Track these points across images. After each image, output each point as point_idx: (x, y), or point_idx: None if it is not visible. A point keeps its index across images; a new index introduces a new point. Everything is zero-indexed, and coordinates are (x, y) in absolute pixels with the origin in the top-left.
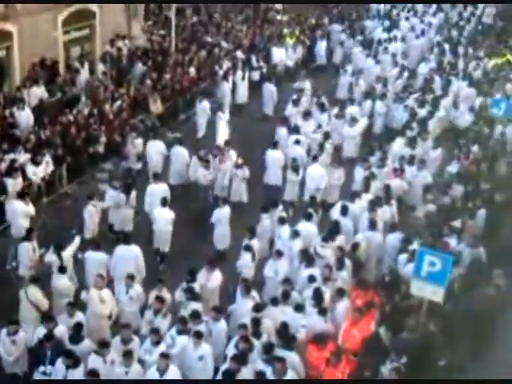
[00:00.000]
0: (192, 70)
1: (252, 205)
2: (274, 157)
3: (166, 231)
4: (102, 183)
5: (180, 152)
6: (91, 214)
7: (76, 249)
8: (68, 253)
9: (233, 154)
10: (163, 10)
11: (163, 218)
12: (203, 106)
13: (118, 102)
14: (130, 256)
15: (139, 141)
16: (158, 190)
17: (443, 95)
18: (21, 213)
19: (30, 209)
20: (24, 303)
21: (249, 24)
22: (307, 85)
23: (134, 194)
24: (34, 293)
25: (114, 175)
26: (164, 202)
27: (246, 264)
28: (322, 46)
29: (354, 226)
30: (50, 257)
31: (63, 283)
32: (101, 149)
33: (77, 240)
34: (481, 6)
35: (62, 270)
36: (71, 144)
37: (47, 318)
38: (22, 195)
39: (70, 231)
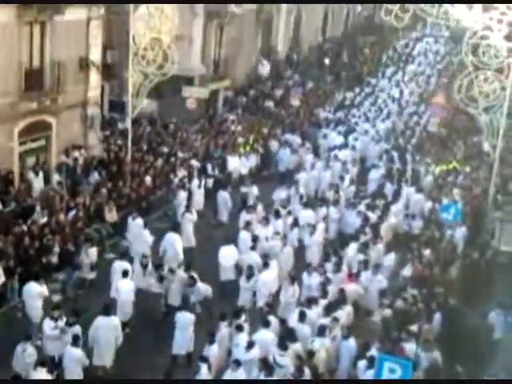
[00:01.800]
0: (148, 179)
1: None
2: (225, 254)
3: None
4: (55, 294)
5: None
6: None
7: None
8: None
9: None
10: (118, 121)
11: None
12: (137, 223)
13: (73, 212)
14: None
15: (93, 250)
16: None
17: (394, 201)
18: None
19: None
20: None
21: (203, 134)
22: (254, 190)
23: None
24: None
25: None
26: (125, 273)
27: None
28: (275, 154)
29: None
30: None
31: None
32: (54, 259)
33: None
34: (426, 115)
35: None
36: (24, 254)
37: None
38: None
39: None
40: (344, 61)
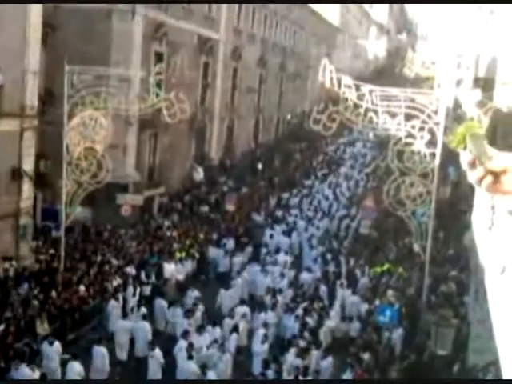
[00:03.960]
0: (81, 288)
1: None
2: None
3: None
4: None
5: None
6: None
7: None
8: None
9: None
10: (51, 229)
11: None
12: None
13: (2, 326)
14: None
15: (23, 367)
16: None
17: (330, 304)
18: None
19: None
20: None
21: (139, 240)
22: (195, 293)
23: None
24: None
25: None
26: None
27: None
28: (212, 259)
29: None
30: None
31: None
32: None
33: None
34: (357, 219)
35: None
36: None
37: None
38: None
39: None
40: (276, 166)
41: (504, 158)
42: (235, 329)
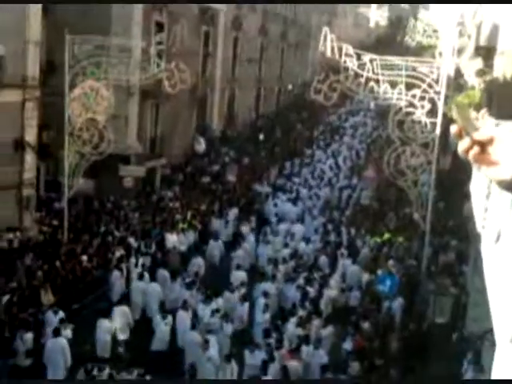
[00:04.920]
0: (85, 259)
1: None
2: None
3: None
4: None
5: None
6: None
7: None
8: None
9: None
10: (54, 201)
11: None
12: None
13: (8, 296)
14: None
15: (29, 336)
16: None
17: (330, 273)
18: None
19: None
20: None
21: (141, 211)
22: (199, 261)
23: None
24: None
25: None
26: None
27: None
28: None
29: None
30: None
31: None
32: None
33: None
34: (358, 188)
35: None
36: None
37: None
38: None
39: None
40: (277, 136)
41: (490, 127)
42: (244, 298)
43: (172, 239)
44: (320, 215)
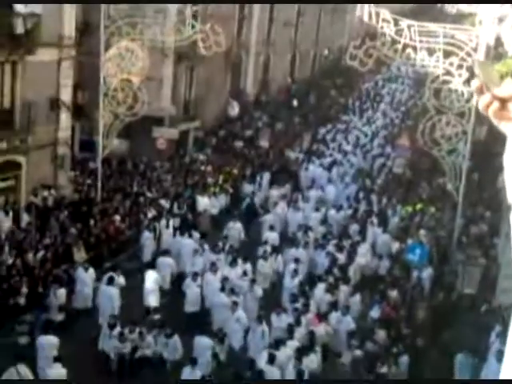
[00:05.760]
0: (117, 219)
1: None
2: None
3: None
4: (22, 336)
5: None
6: None
7: None
8: None
9: None
10: (88, 161)
11: None
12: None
13: (42, 252)
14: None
15: (62, 291)
16: None
17: (360, 241)
18: None
19: None
20: None
21: (173, 173)
22: (238, 225)
23: None
24: None
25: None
26: None
27: None
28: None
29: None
30: None
31: None
32: (22, 300)
33: None
34: (392, 157)
35: None
36: None
37: None
38: None
39: None
40: (311, 102)
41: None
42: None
43: (203, 202)
44: (352, 183)
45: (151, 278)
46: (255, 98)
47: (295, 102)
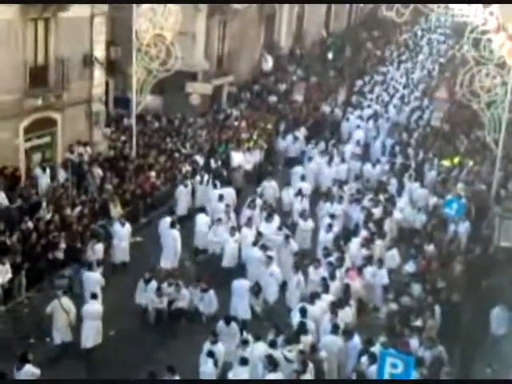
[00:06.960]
0: (153, 175)
1: None
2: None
3: None
4: (61, 290)
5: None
6: None
7: None
8: None
9: None
10: (123, 117)
11: None
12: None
13: (79, 208)
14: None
15: (99, 246)
16: None
17: (397, 196)
18: None
19: None
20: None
21: (208, 129)
22: (272, 184)
23: None
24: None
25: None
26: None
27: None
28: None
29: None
30: None
31: None
32: (60, 255)
33: None
34: (429, 110)
35: None
36: (30, 251)
37: None
38: None
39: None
40: (347, 55)
41: None
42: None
43: (237, 157)
44: (388, 136)
45: (202, 221)
46: (289, 52)
47: (330, 55)
